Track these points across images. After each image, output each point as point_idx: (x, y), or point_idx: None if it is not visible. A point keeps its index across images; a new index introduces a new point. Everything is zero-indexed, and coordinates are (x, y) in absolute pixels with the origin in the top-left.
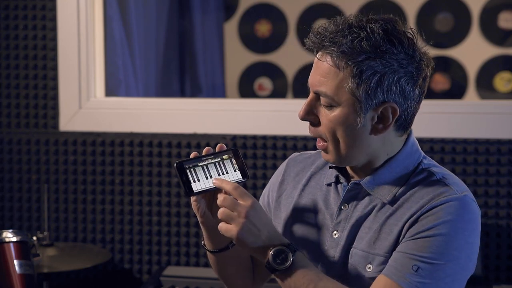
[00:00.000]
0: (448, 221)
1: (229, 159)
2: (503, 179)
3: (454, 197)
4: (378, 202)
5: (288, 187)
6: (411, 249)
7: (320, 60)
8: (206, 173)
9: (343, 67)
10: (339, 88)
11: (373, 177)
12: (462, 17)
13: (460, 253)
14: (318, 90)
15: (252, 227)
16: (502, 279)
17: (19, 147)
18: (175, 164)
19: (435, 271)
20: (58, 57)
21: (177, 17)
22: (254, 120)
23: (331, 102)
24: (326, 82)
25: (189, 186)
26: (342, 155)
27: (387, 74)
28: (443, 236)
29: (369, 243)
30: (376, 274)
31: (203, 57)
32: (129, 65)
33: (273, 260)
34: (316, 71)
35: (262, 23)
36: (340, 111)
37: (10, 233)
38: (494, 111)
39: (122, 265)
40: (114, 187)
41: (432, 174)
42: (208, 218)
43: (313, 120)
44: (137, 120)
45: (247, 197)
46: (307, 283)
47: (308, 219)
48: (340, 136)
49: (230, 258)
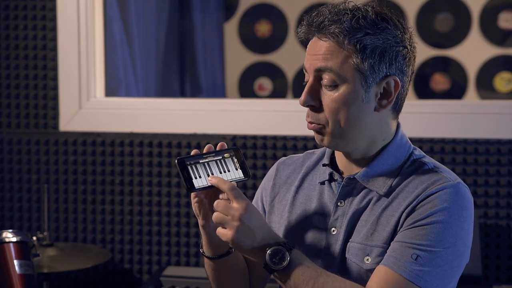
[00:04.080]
0: (444, 208)
1: (230, 157)
2: (503, 179)
3: (448, 185)
4: (373, 195)
5: (281, 191)
6: (409, 238)
7: (322, 40)
8: (208, 170)
9: (346, 44)
10: (344, 64)
11: (367, 170)
12: (462, 17)
13: (456, 239)
14: (323, 66)
15: (246, 230)
16: (502, 279)
17: (19, 147)
18: (176, 160)
19: (434, 258)
20: (58, 57)
21: (177, 17)
22: (254, 120)
23: (336, 80)
24: (330, 59)
25: (191, 182)
26: (343, 136)
27: (387, 48)
28: (440, 224)
29: (367, 235)
30: (374, 266)
31: (203, 57)
32: (129, 65)
33: (270, 261)
34: (317, 51)
35: (262, 23)
36: (346, 88)
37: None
38: (494, 111)
39: (122, 265)
40: (114, 187)
41: (423, 164)
42: (209, 219)
43: (315, 104)
44: (137, 120)
45: (241, 199)
46: (307, 280)
47: (305, 220)
48: (342, 116)
49: (228, 265)
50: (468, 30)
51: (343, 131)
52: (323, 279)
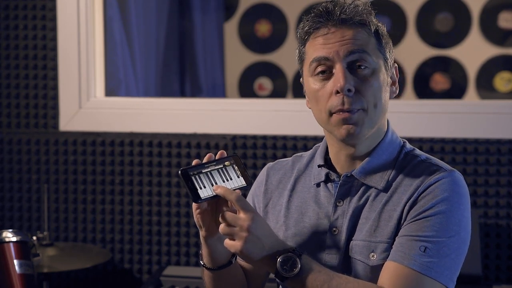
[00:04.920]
0: (445, 198)
1: (231, 165)
2: (503, 179)
3: (445, 174)
4: (372, 191)
5: (273, 196)
6: (415, 230)
7: (345, 28)
8: (211, 179)
9: (370, 30)
10: (373, 48)
11: (364, 166)
12: (462, 17)
13: (459, 227)
14: (356, 49)
15: (255, 240)
16: (502, 279)
17: (19, 147)
18: (180, 171)
19: (440, 248)
20: (58, 57)
21: (177, 17)
22: (254, 120)
23: (371, 62)
24: (362, 43)
25: (196, 193)
26: (373, 123)
27: (389, 38)
28: (443, 214)
29: (370, 232)
30: (381, 262)
31: (203, 57)
32: (129, 65)
33: (281, 268)
34: (344, 37)
35: (262, 23)
36: (378, 71)
37: (10, 233)
38: (494, 111)
39: (122, 265)
40: (114, 187)
41: (416, 157)
42: (213, 230)
43: (352, 88)
44: (137, 120)
45: (248, 209)
46: (320, 284)
47: (303, 223)
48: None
49: (227, 276)
50: (468, 30)
51: (376, 115)
52: (336, 282)
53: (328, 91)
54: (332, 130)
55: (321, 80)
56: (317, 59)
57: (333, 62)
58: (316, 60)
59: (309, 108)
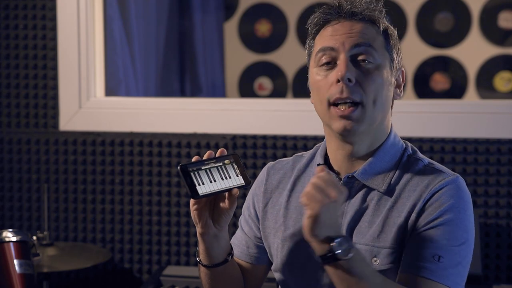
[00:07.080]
0: (452, 205)
1: (230, 164)
2: (503, 179)
3: (449, 180)
4: (374, 195)
5: (273, 196)
6: (427, 240)
7: (354, 21)
8: (210, 176)
9: (379, 27)
10: (380, 44)
11: (366, 168)
12: (462, 17)
13: (467, 233)
14: (362, 42)
15: (332, 212)
16: (502, 279)
17: (19, 147)
18: (179, 167)
19: (453, 256)
20: (58, 57)
21: (177, 17)
22: (254, 120)
23: (375, 57)
24: (368, 37)
25: (194, 189)
26: (372, 120)
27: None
28: (452, 221)
29: (373, 236)
30: (384, 267)
31: (203, 57)
32: (129, 65)
33: (338, 248)
34: (352, 30)
35: (262, 23)
36: (381, 67)
37: (10, 232)
38: (494, 111)
39: (122, 265)
40: (114, 187)
41: (418, 160)
42: (209, 227)
43: (352, 79)
44: (137, 120)
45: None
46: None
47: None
48: (379, 94)
49: (224, 274)
50: (468, 29)
51: (374, 112)
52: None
53: (330, 81)
54: (330, 122)
55: (324, 70)
56: (322, 49)
57: (337, 53)
58: (321, 50)
59: (312, 103)
